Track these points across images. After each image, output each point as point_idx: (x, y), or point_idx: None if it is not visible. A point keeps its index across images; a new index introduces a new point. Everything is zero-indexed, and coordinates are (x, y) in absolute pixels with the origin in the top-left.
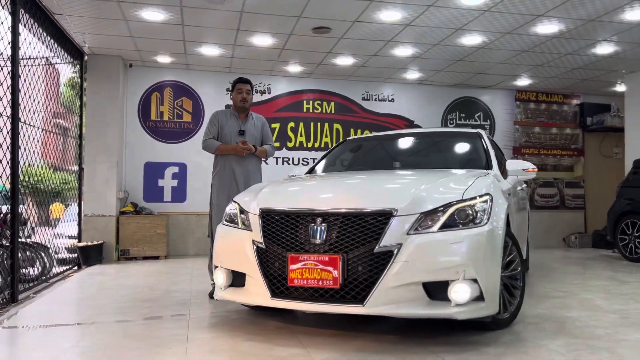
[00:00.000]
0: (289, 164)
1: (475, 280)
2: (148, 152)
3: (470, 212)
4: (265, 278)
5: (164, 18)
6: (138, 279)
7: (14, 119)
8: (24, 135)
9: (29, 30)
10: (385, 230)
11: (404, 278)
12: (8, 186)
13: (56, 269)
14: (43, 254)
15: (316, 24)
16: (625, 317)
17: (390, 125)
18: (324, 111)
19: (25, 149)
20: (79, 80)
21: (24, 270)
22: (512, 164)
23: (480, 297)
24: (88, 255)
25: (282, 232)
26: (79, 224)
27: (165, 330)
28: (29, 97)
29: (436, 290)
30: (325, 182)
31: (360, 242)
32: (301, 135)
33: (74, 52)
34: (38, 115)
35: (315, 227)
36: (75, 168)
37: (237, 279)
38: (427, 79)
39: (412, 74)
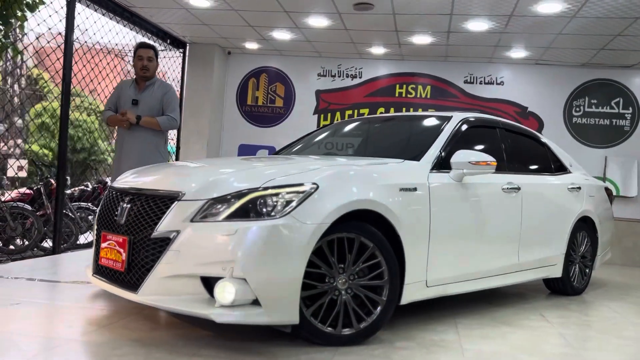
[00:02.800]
0: None
1: (245, 281)
2: (242, 135)
3: (271, 202)
4: (94, 255)
5: (210, 5)
6: None
7: (65, 99)
8: None
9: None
10: (166, 215)
11: (175, 269)
12: None
13: None
14: None
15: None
16: None
17: (498, 112)
18: (418, 95)
19: None
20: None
21: None
22: (457, 156)
23: (256, 302)
24: None
25: (106, 209)
26: None
27: (43, 293)
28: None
29: None
30: (175, 164)
31: (145, 225)
32: None
33: (177, 42)
34: None
35: (122, 205)
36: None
37: None
38: (540, 57)
39: (517, 53)
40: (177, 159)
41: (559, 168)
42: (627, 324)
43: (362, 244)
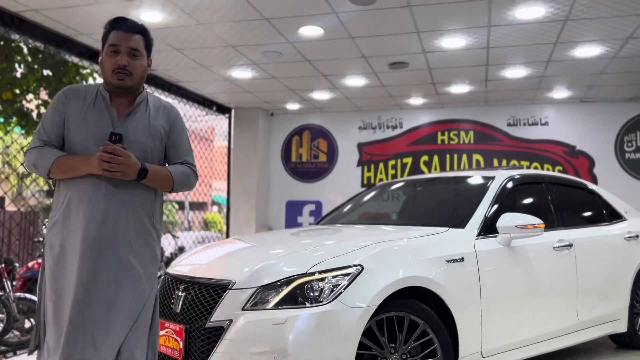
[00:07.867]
0: None
1: None
2: (289, 191)
3: (317, 287)
4: None
5: (252, 75)
6: None
7: None
8: None
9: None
10: (218, 304)
11: (230, 358)
12: None
13: None
14: None
15: (389, 60)
16: None
17: (545, 153)
18: (461, 141)
19: None
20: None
21: None
22: (503, 219)
23: None
24: None
25: (164, 296)
26: None
27: None
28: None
29: None
30: (227, 245)
31: (199, 314)
32: (436, 169)
33: (222, 108)
34: None
35: (177, 293)
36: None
37: None
38: (584, 95)
39: (560, 93)
40: (227, 221)
41: (613, 216)
42: None
43: (412, 321)
